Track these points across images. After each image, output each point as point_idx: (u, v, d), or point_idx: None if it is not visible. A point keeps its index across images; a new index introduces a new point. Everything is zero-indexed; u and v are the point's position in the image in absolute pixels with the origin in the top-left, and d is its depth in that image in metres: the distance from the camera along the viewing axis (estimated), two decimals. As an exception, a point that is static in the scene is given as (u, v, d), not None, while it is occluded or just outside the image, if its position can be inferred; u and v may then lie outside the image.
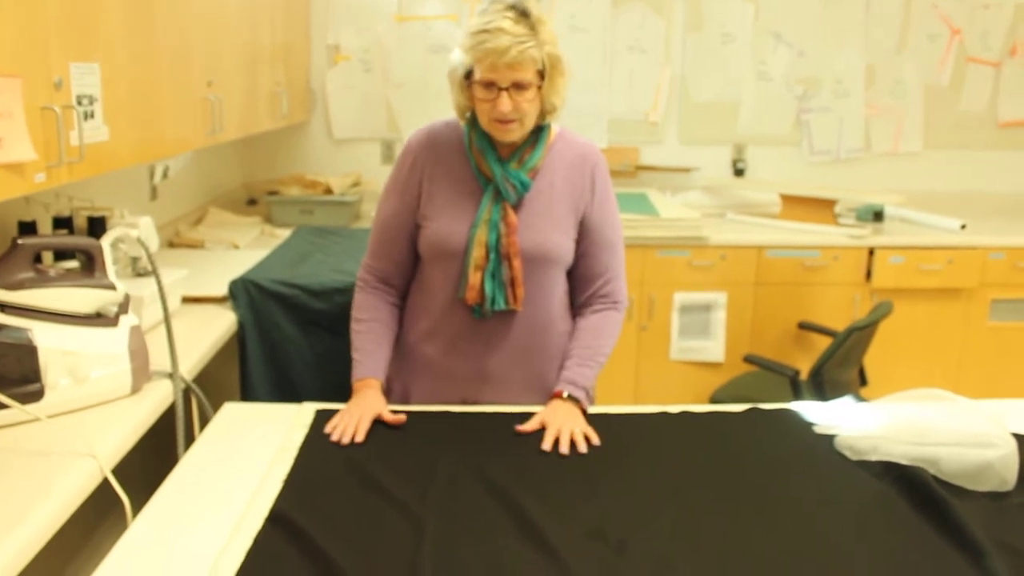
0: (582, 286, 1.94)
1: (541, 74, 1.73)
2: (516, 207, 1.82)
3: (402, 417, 1.72)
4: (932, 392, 1.68)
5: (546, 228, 1.84)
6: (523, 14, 1.70)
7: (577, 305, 1.96)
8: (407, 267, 1.93)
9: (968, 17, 4.17)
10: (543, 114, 1.81)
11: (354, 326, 1.90)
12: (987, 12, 4.17)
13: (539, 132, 1.84)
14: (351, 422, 1.67)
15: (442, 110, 1.88)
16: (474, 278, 1.80)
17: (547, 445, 1.64)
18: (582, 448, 1.63)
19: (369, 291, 1.92)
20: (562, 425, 1.68)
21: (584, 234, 1.89)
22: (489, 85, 1.71)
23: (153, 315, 2.05)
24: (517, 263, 1.80)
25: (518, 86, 1.71)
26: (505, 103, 1.70)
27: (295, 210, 3.63)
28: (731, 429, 1.74)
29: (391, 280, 1.93)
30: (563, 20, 4.06)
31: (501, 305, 1.82)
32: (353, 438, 1.64)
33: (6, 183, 1.48)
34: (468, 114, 1.84)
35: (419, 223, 1.87)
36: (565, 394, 1.79)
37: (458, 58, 1.76)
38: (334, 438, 1.64)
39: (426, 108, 4.10)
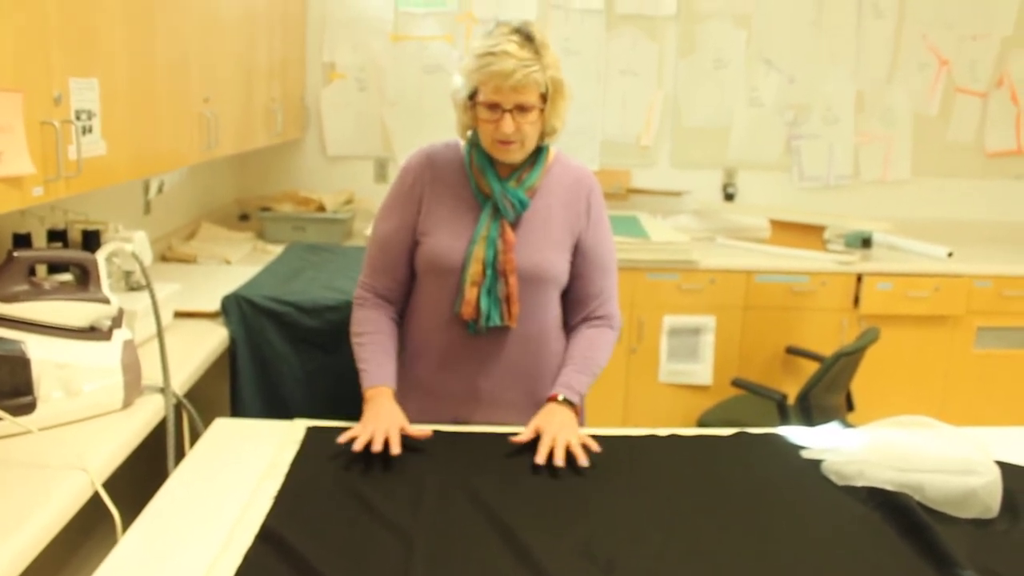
0: (576, 307, 1.96)
1: (544, 97, 1.76)
2: (514, 225, 1.84)
3: (428, 432, 1.70)
4: (918, 419, 1.69)
5: (543, 247, 1.86)
6: (528, 38, 1.73)
7: (571, 326, 1.97)
8: (405, 284, 1.94)
9: (956, 48, 4.23)
10: (543, 136, 1.84)
11: (357, 340, 1.89)
12: (975, 43, 4.23)
13: (538, 153, 1.87)
14: (379, 432, 1.63)
15: (436, 129, 1.91)
16: (470, 294, 1.82)
17: (541, 458, 1.62)
18: (583, 461, 1.62)
19: (369, 307, 1.92)
20: (557, 433, 1.67)
21: (579, 256, 1.91)
22: (493, 106, 1.74)
23: (145, 329, 2.06)
24: (513, 280, 1.82)
25: (521, 108, 1.73)
26: (508, 124, 1.73)
27: (287, 227, 3.64)
28: (719, 452, 1.75)
29: (390, 297, 1.93)
30: (557, 42, 4.09)
31: (496, 321, 1.83)
32: (380, 446, 1.61)
33: (4, 196, 1.49)
34: (469, 133, 1.86)
35: (418, 239, 1.88)
36: (560, 397, 1.80)
37: (462, 78, 1.78)
38: (357, 447, 1.60)
39: (420, 127, 4.12)
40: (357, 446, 1.62)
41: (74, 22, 1.71)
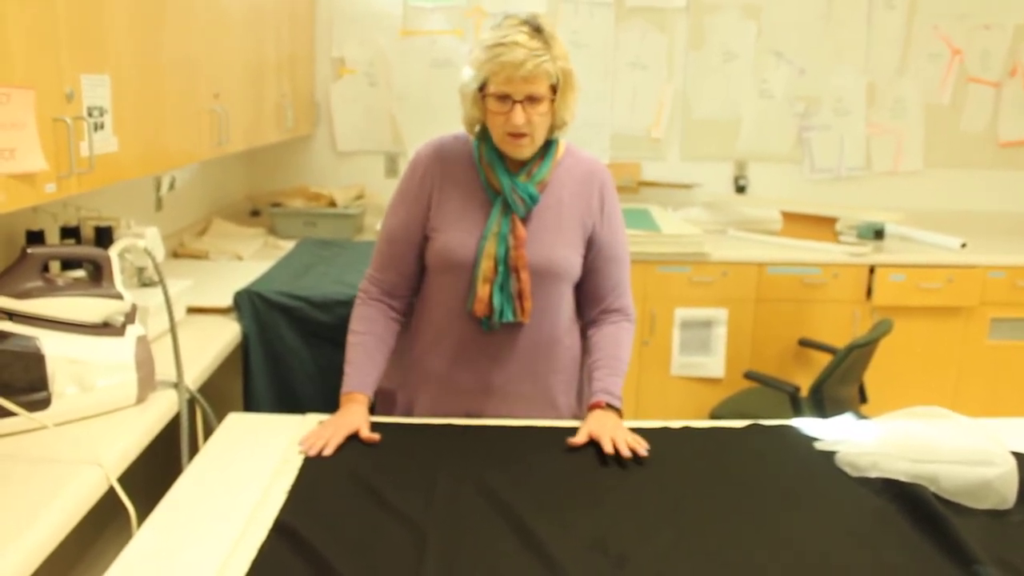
0: (592, 301, 1.95)
1: (554, 88, 1.75)
2: (525, 220, 1.83)
3: (376, 436, 1.71)
4: (932, 410, 1.68)
5: (554, 242, 1.85)
6: (537, 29, 1.72)
7: (588, 320, 1.97)
8: (413, 279, 1.93)
9: (968, 38, 4.20)
10: (553, 128, 1.83)
11: (349, 338, 1.90)
12: (988, 33, 4.20)
13: (547, 146, 1.86)
14: (323, 435, 1.67)
15: (446, 124, 1.90)
16: (482, 290, 1.81)
17: (610, 449, 1.65)
18: (643, 454, 1.65)
19: (369, 304, 1.92)
20: (614, 435, 1.69)
21: (594, 250, 1.90)
22: (503, 98, 1.73)
23: (158, 325, 2.06)
24: (525, 276, 1.81)
25: (532, 99, 1.73)
26: (519, 116, 1.72)
27: (298, 222, 3.65)
28: (732, 445, 1.74)
29: (395, 292, 1.93)
30: (566, 36, 4.07)
31: (509, 317, 1.83)
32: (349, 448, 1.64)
33: (17, 193, 1.50)
34: (478, 128, 1.86)
35: (428, 235, 1.88)
36: (604, 404, 1.80)
37: (471, 71, 1.77)
38: (300, 450, 1.64)
39: (430, 122, 4.12)
40: (302, 448, 1.65)
41: (84, 19, 1.71)
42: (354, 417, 1.74)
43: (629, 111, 4.23)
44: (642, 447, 1.67)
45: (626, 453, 1.64)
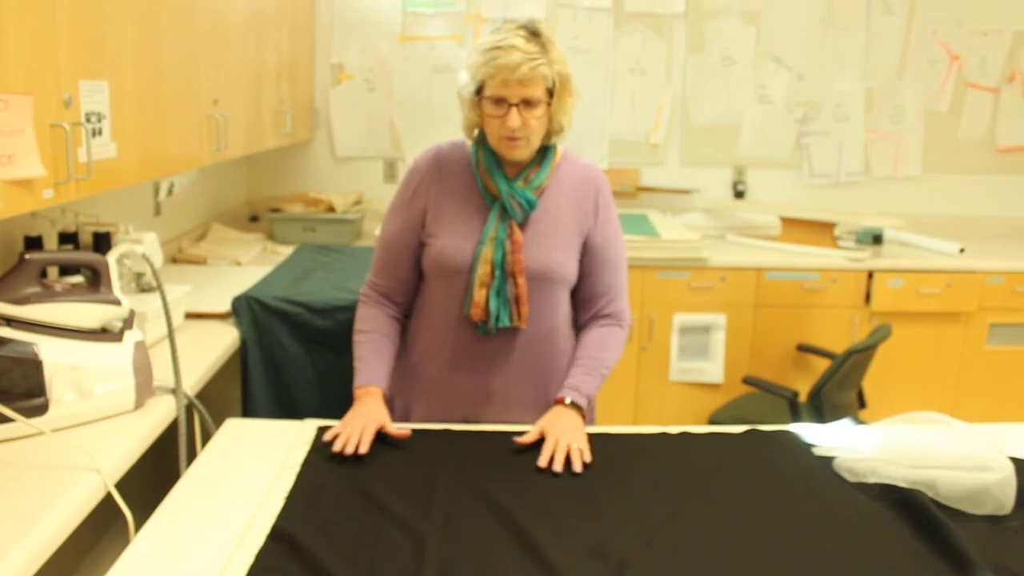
0: (585, 306, 1.95)
1: (550, 92, 1.76)
2: (522, 226, 1.84)
3: (407, 431, 1.71)
4: (930, 415, 1.69)
5: (551, 247, 1.85)
6: (534, 33, 1.73)
7: (580, 324, 1.97)
8: (410, 285, 1.94)
9: (967, 43, 4.21)
10: (550, 133, 1.83)
11: (356, 337, 1.90)
12: (986, 39, 4.21)
13: (545, 151, 1.87)
14: (354, 432, 1.65)
15: (445, 129, 1.90)
16: (479, 295, 1.82)
17: (543, 461, 1.62)
18: (577, 468, 1.61)
19: (371, 304, 1.94)
20: (560, 436, 1.66)
21: (588, 254, 1.91)
22: (499, 101, 1.74)
23: (157, 330, 2.06)
24: (522, 281, 1.82)
25: (528, 103, 1.73)
26: (515, 119, 1.73)
27: (297, 227, 3.65)
28: (730, 450, 1.74)
29: (394, 297, 1.94)
30: (565, 41, 4.09)
31: (505, 322, 1.83)
32: (357, 449, 1.62)
33: (15, 199, 1.50)
34: (476, 132, 1.86)
35: (424, 241, 1.88)
36: (568, 400, 1.80)
37: (469, 74, 1.78)
38: (336, 448, 1.63)
39: (429, 127, 4.12)
40: (336, 447, 1.64)
41: (83, 24, 1.71)
42: (376, 412, 1.73)
43: (628, 116, 4.23)
44: (577, 464, 1.62)
45: (558, 466, 1.60)
